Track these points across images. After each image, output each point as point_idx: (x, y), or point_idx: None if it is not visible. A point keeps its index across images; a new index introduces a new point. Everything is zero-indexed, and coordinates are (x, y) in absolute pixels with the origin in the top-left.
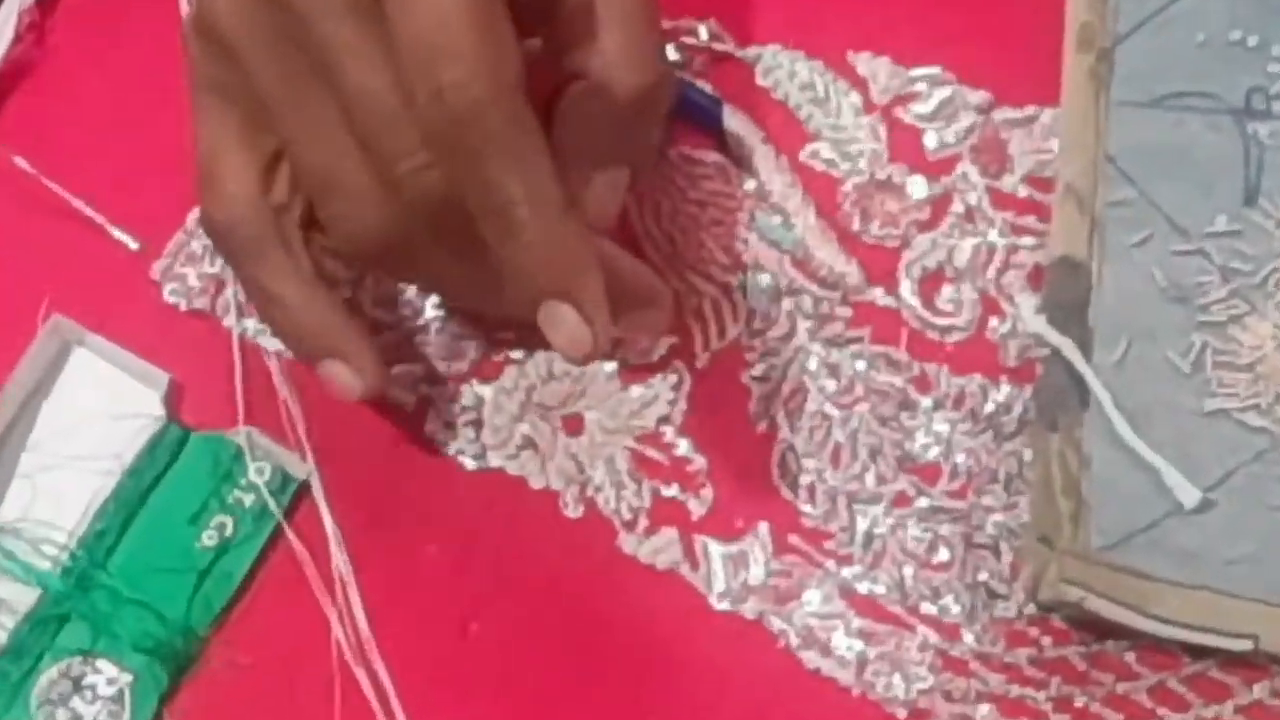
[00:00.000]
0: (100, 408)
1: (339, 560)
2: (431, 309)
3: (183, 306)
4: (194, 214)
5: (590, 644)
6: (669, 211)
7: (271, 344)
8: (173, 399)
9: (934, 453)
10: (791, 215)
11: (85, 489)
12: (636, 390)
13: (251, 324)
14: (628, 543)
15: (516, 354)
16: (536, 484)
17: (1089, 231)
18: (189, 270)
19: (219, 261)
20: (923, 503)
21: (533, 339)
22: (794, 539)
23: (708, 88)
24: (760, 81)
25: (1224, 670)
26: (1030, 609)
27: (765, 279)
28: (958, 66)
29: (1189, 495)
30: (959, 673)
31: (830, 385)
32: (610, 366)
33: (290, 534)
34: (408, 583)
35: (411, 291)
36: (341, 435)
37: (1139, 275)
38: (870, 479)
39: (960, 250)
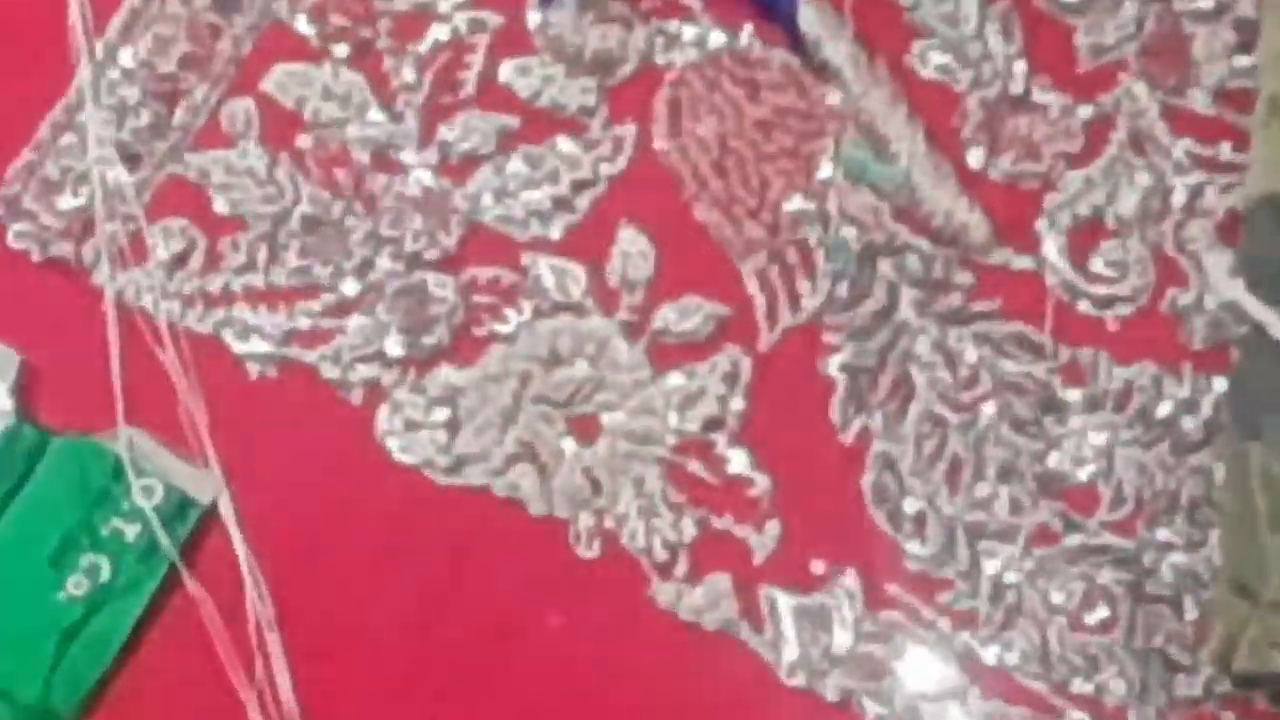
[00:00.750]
0: None
1: (259, 615)
2: (387, 259)
3: (35, 256)
4: (47, 124)
5: None
6: (719, 133)
7: (156, 295)
8: (25, 388)
9: (1089, 470)
10: (892, 143)
11: None
12: (674, 379)
13: (137, 278)
14: (663, 593)
15: (505, 326)
16: (536, 510)
17: None
18: (41, 206)
19: (87, 188)
20: (1073, 539)
21: None
22: (894, 589)
23: None
24: None
25: None
26: (1224, 685)
27: (854, 232)
28: None
29: None
30: None
31: (946, 377)
32: (639, 344)
33: (190, 580)
34: (354, 647)
35: (359, 236)
36: (262, 439)
37: None
38: (1001, 507)
39: (1126, 192)
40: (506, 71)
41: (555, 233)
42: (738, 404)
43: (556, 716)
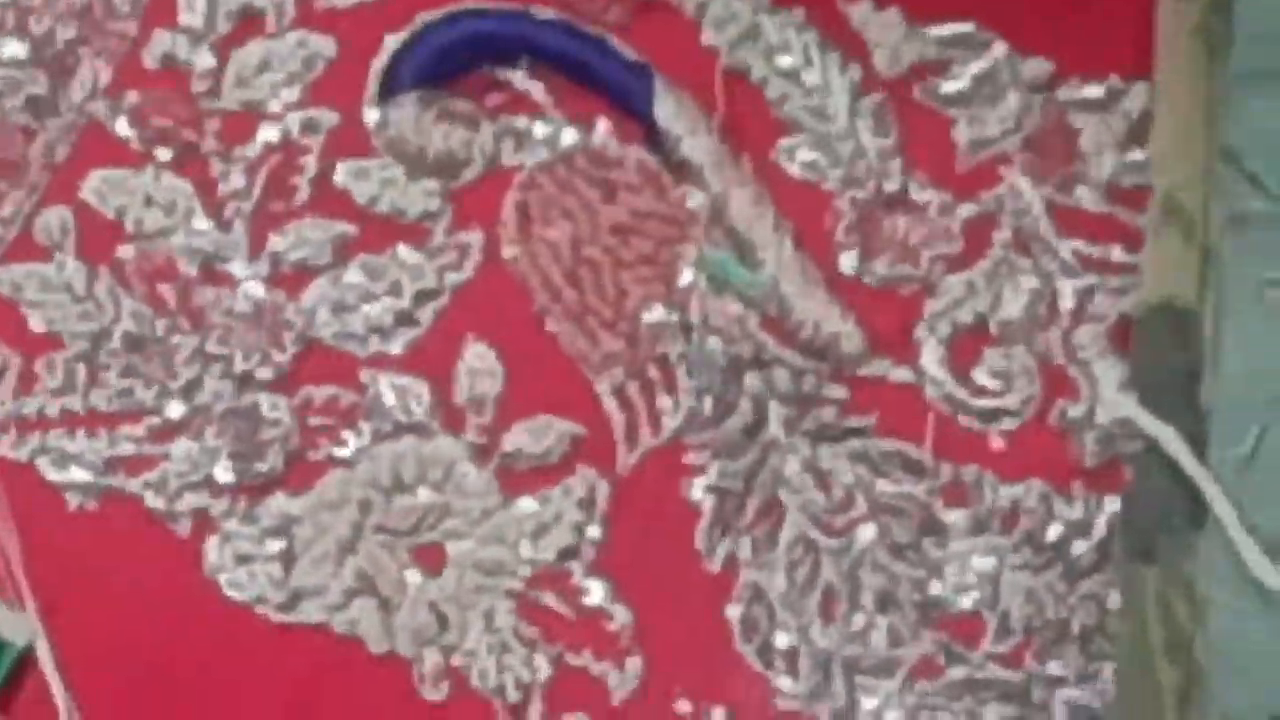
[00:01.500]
0: None
1: None
2: (215, 379)
3: None
4: None
5: None
6: (572, 238)
7: None
8: None
9: (974, 598)
10: (758, 248)
11: None
12: (527, 505)
13: None
14: None
15: (344, 450)
16: (377, 648)
17: (1199, 266)
18: None
19: None
20: (958, 672)
21: None
22: None
23: (630, 52)
24: (709, 41)
25: None
26: None
27: (718, 343)
28: (1001, 23)
29: None
30: None
31: (818, 499)
32: (487, 468)
33: None
34: None
35: (185, 354)
36: (82, 575)
37: (1276, 330)
38: (879, 638)
39: (1010, 297)
40: (342, 175)
41: (397, 348)
42: (595, 531)
43: None
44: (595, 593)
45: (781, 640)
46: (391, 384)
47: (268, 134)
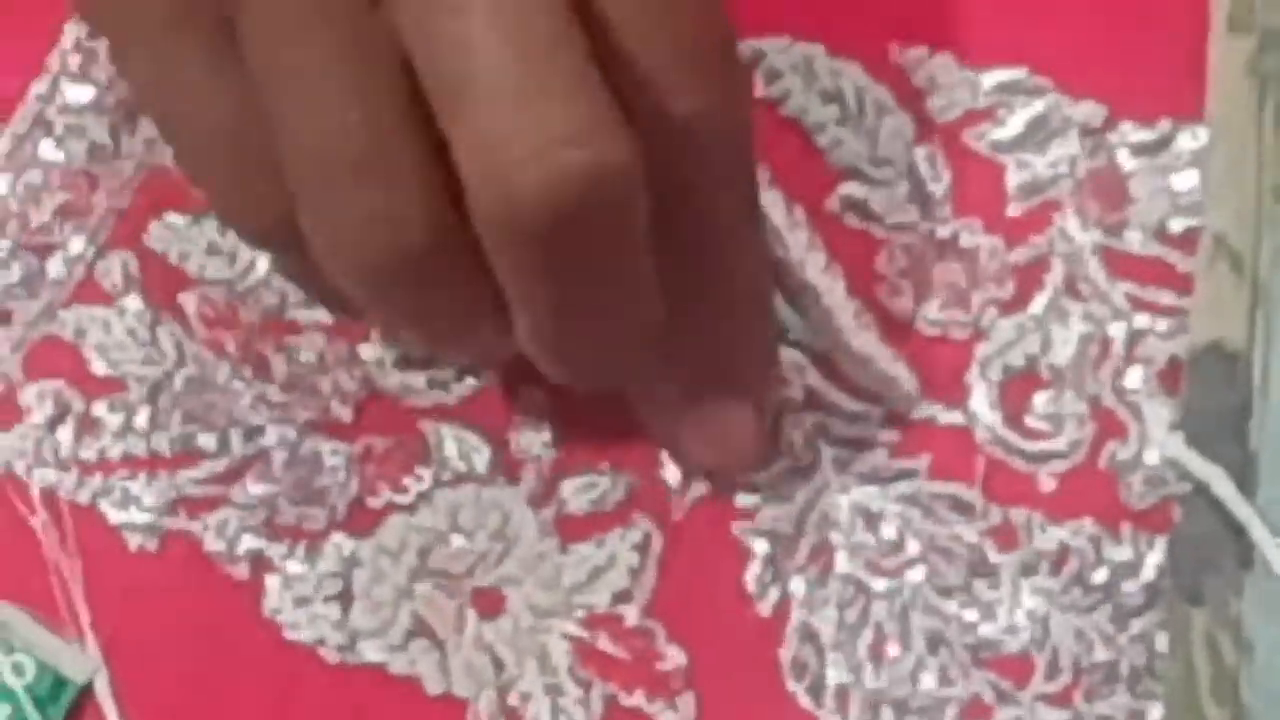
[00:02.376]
0: None
1: None
2: (276, 424)
3: None
4: None
5: None
6: None
7: (29, 460)
8: None
9: (1023, 639)
10: (810, 292)
11: None
12: (583, 551)
13: (11, 441)
14: None
15: (404, 496)
16: (434, 688)
17: (1249, 306)
18: None
19: None
20: (1007, 713)
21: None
22: None
23: None
24: (763, 92)
25: None
26: None
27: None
28: (1053, 68)
29: None
30: None
31: (869, 541)
32: (547, 516)
33: None
34: None
35: (245, 402)
36: (141, 615)
37: None
38: (929, 679)
39: (1060, 341)
40: None
41: (455, 399)
42: (649, 575)
43: None
44: (650, 635)
45: (832, 680)
46: (452, 433)
47: None
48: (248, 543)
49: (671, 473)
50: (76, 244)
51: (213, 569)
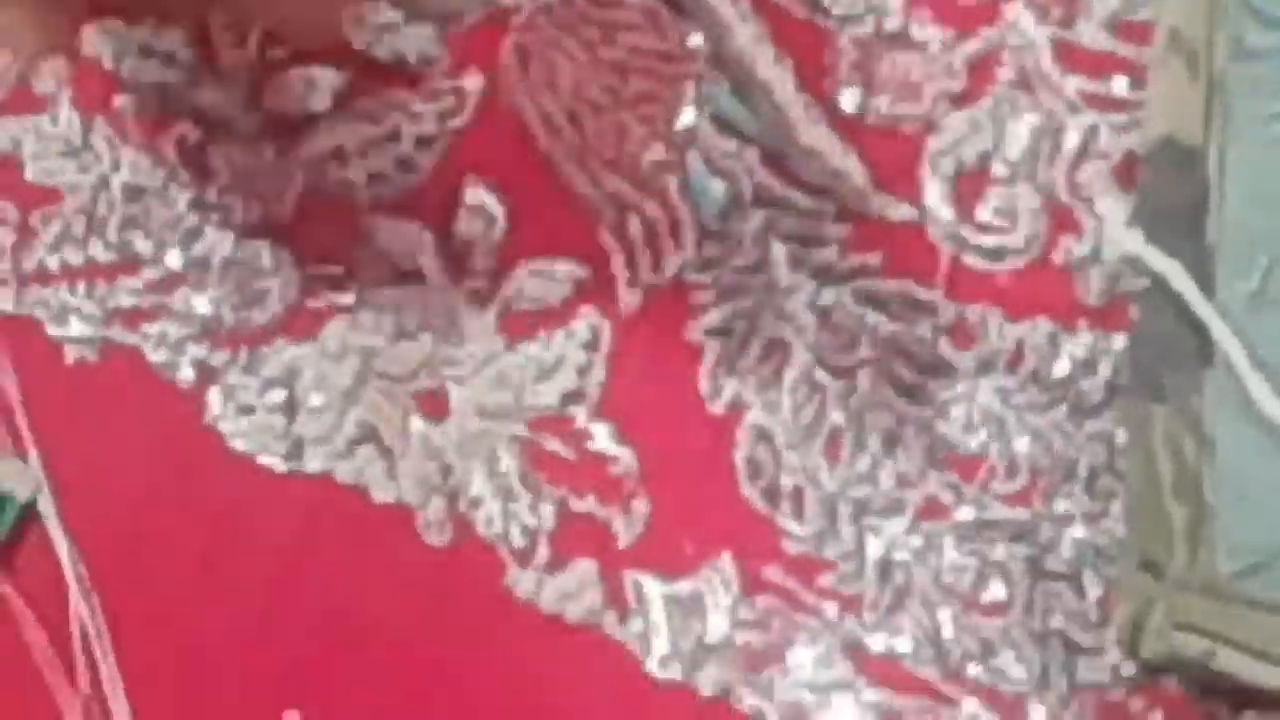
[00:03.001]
0: None
1: (85, 619)
2: (214, 228)
3: None
4: None
5: None
6: (574, 79)
7: None
8: None
9: (980, 438)
10: (758, 86)
11: None
12: (529, 350)
13: None
14: (522, 582)
15: (344, 296)
16: (381, 496)
17: (1205, 100)
18: None
19: None
20: (965, 513)
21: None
22: (772, 573)
23: None
24: None
25: None
26: (1130, 670)
27: (720, 183)
28: None
29: None
30: None
31: (823, 339)
32: (489, 312)
33: (5, 587)
34: (190, 649)
35: (182, 205)
36: (84, 429)
37: None
38: (886, 479)
39: (1013, 134)
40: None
41: (396, 194)
42: (598, 374)
43: (408, 718)
44: (600, 436)
45: (787, 482)
46: (392, 230)
47: None
48: (189, 351)
49: (623, 268)
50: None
51: (154, 380)
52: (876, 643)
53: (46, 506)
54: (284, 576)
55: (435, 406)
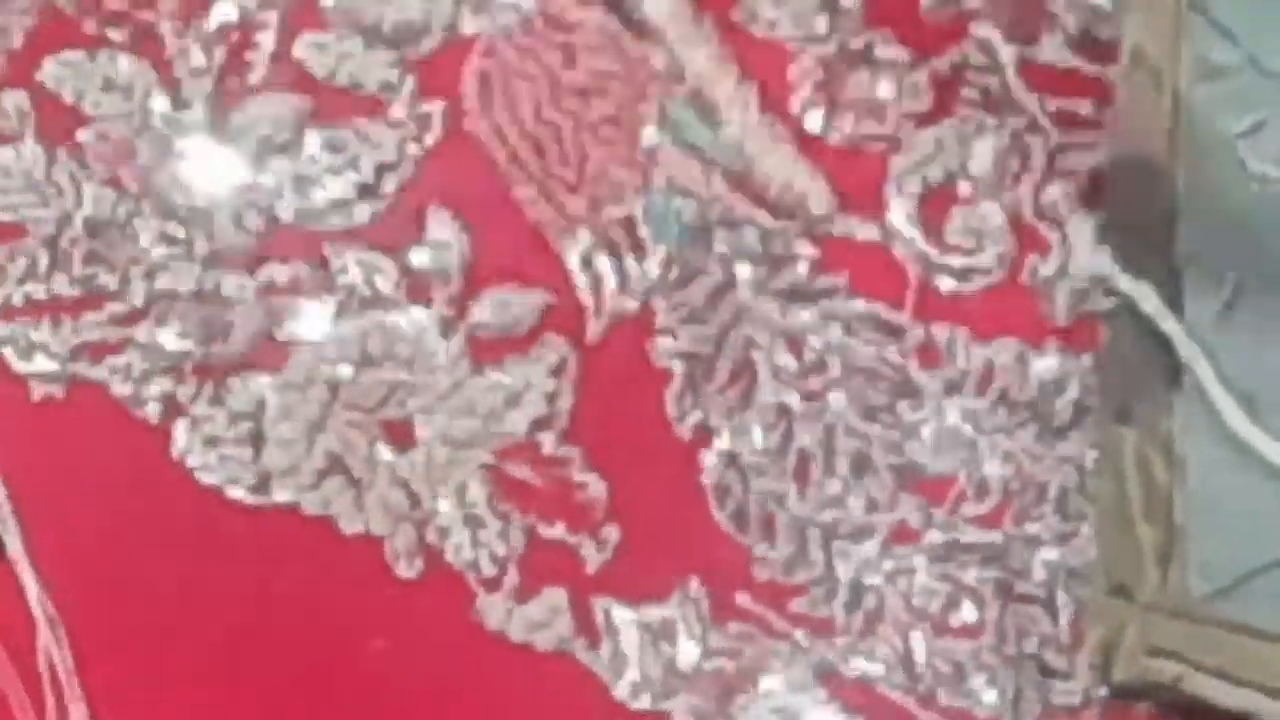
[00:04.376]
0: None
1: (54, 655)
2: (178, 261)
3: None
4: None
5: None
6: (534, 102)
7: None
8: None
9: (950, 460)
10: (721, 107)
11: None
12: (495, 377)
13: None
14: (492, 610)
15: (310, 327)
16: (349, 527)
17: (1169, 118)
18: None
19: None
20: (935, 536)
21: None
22: (743, 598)
23: None
24: None
25: None
26: (1102, 692)
27: (684, 205)
28: None
29: None
30: None
31: (790, 363)
32: (458, 342)
33: None
34: (161, 683)
35: (146, 238)
36: (52, 465)
37: (1247, 179)
38: (856, 503)
39: (979, 153)
40: (301, 48)
41: (360, 222)
42: (566, 400)
43: None
44: (569, 463)
45: (756, 507)
46: (356, 259)
47: (223, 11)
48: (154, 385)
49: (588, 295)
50: None
51: (121, 414)
52: (850, 667)
53: (14, 543)
54: (254, 609)
55: (402, 435)
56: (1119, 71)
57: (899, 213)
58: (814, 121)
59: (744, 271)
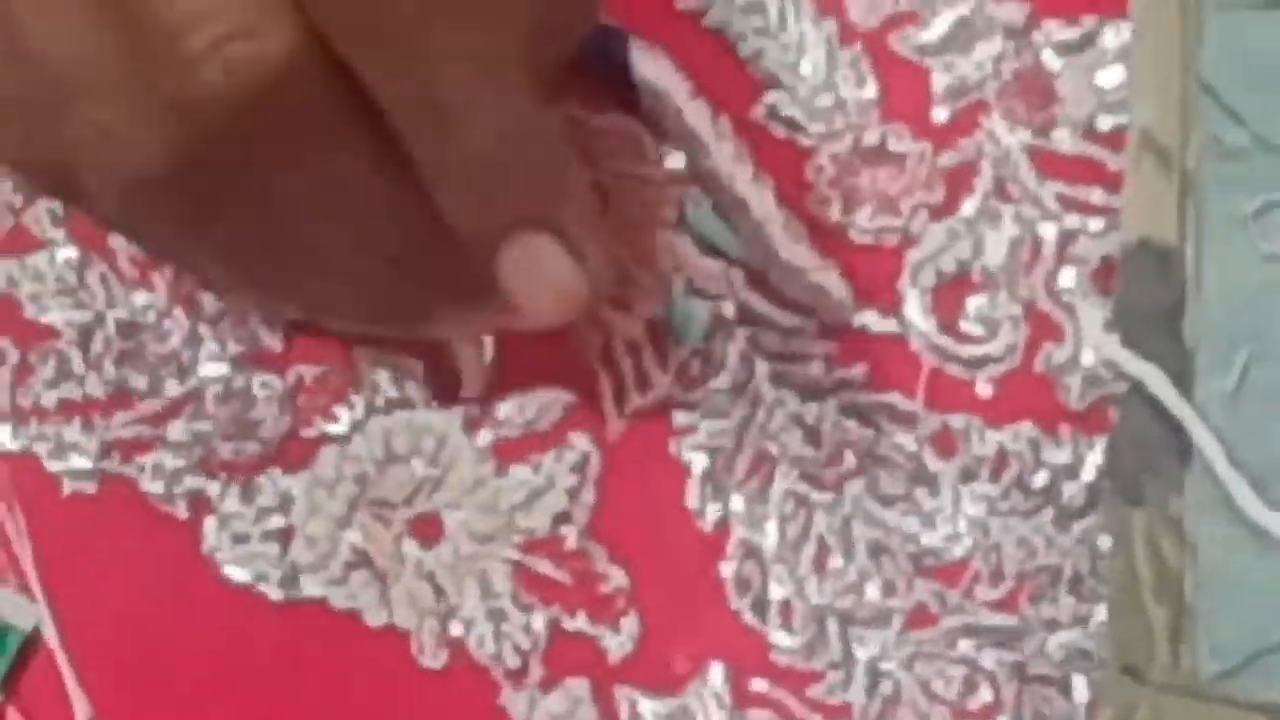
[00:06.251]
0: None
1: None
2: (208, 361)
3: None
4: None
5: None
6: None
7: None
8: None
9: (965, 546)
10: (739, 205)
11: None
12: (519, 474)
13: None
14: (515, 703)
15: (337, 425)
16: (375, 620)
17: (1179, 201)
18: None
19: None
20: (952, 621)
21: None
22: (762, 685)
23: (604, 15)
24: (685, 5)
25: None
26: None
27: (702, 304)
28: None
29: None
30: None
31: (808, 453)
32: (483, 439)
33: (14, 713)
34: None
35: (176, 340)
36: (82, 560)
37: (1257, 262)
38: (873, 590)
39: (992, 244)
40: None
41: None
42: (588, 496)
43: None
44: (590, 556)
45: (775, 595)
46: (384, 360)
47: None
48: (184, 482)
49: (609, 392)
50: (3, 190)
51: (151, 510)
52: None
53: (50, 636)
54: (282, 704)
55: (428, 531)
56: (1127, 156)
57: (914, 305)
58: (830, 214)
59: (762, 367)
